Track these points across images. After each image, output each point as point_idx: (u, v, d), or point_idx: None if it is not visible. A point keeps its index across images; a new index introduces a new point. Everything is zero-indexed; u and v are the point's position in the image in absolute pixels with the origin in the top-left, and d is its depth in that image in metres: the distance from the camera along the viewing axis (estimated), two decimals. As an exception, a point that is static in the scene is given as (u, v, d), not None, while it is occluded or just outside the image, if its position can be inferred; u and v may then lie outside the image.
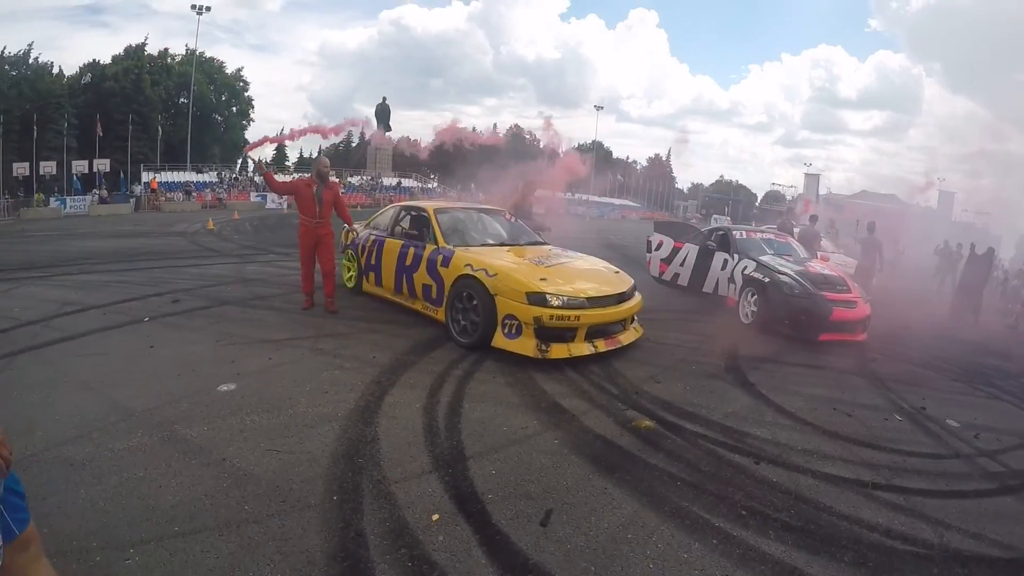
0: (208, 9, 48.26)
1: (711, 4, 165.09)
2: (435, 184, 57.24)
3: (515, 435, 4.20)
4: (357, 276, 8.45)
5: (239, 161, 66.03)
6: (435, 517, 3.12)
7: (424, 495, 3.33)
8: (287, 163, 72.64)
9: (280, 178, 8.48)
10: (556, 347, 5.75)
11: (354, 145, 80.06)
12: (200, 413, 4.18)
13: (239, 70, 65.83)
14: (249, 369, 5.13)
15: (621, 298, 6.33)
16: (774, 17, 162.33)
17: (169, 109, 57.25)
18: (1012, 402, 6.63)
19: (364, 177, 51.78)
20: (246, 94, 66.50)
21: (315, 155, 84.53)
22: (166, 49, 59.62)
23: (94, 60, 54.41)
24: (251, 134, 68.75)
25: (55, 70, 51.01)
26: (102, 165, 38.40)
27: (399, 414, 4.39)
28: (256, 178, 42.11)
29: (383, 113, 53.18)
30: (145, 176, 41.70)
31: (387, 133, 55.17)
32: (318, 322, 6.86)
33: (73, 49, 62.68)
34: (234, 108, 66.06)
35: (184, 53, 59.04)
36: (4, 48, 46.63)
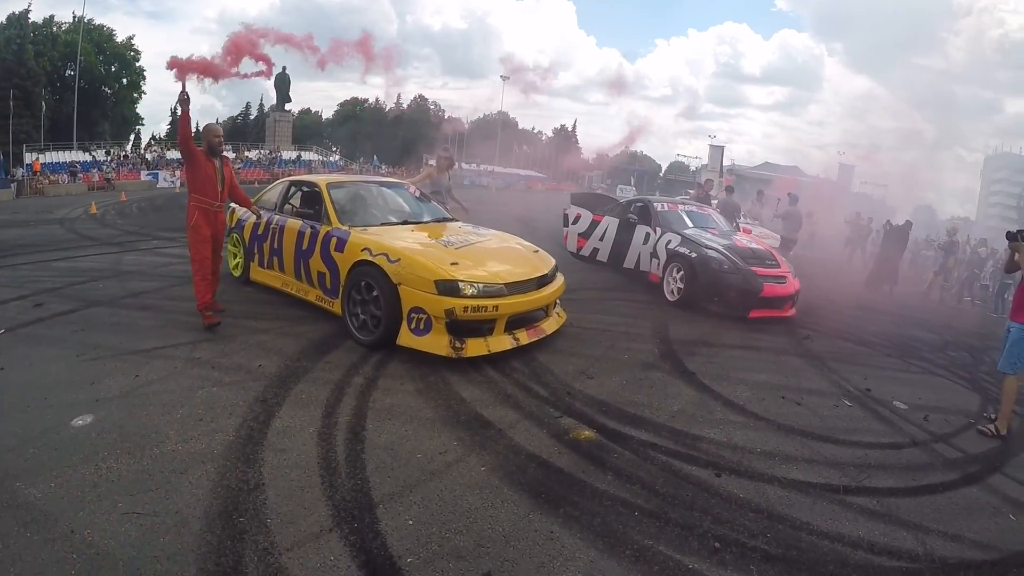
0: (97, -29, 44.39)
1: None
2: (337, 157, 55.42)
3: (432, 464, 3.40)
4: (244, 263, 7.34)
5: (131, 137, 61.76)
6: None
7: (324, 566, 2.51)
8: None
9: None
10: (472, 343, 4.96)
11: (252, 117, 76.59)
12: (48, 461, 3.22)
13: (130, 39, 60.77)
14: (111, 393, 4.11)
15: (543, 281, 5.59)
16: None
17: (54, 83, 52.20)
18: (945, 376, 6.66)
19: (262, 151, 49.13)
20: (138, 64, 61.50)
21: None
22: (51, 16, 54.40)
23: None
24: (143, 107, 64.35)
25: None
26: (-20, 147, 34.47)
27: (289, 445, 3.50)
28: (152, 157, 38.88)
29: (283, 84, 51.00)
30: (28, 157, 37.63)
31: (286, 105, 52.84)
32: (198, 323, 5.71)
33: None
34: (124, 80, 60.92)
35: (71, 21, 54.12)
36: None
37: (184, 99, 5.62)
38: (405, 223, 6.39)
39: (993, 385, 6.34)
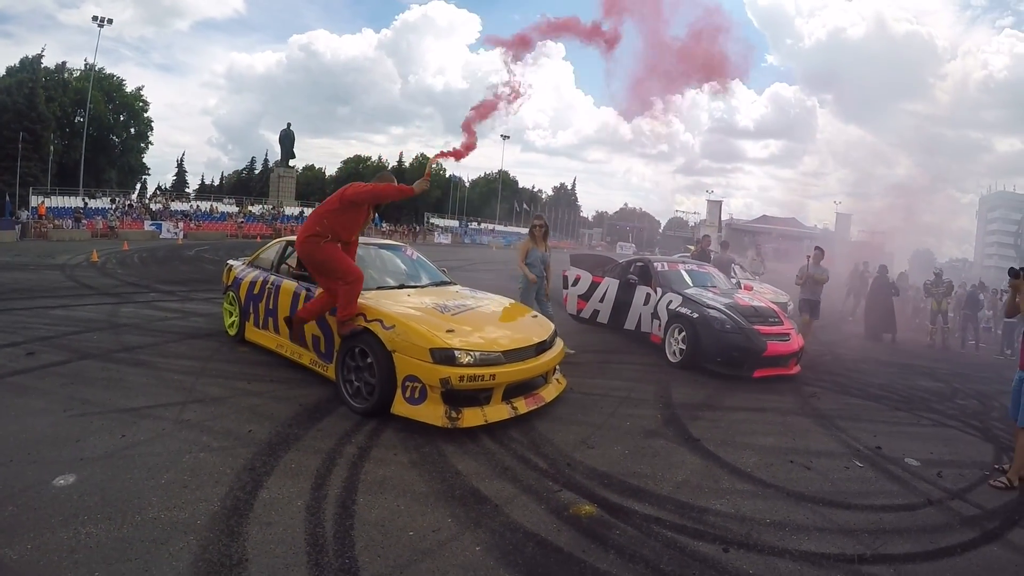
0: (109, 21, 45.30)
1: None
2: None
3: (425, 543, 3.22)
4: (239, 322, 7.25)
5: (136, 186, 62.85)
6: None
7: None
8: (187, 189, 69.33)
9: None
10: (469, 412, 4.80)
11: (256, 172, 77.94)
12: (26, 522, 3.08)
13: (139, 89, 63.04)
14: (95, 453, 3.98)
15: (541, 348, 5.47)
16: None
17: (63, 128, 53.69)
18: (957, 428, 6.54)
19: (266, 206, 49.42)
20: (146, 115, 63.47)
21: (216, 182, 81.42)
22: (63, 63, 56.13)
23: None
24: (149, 158, 66.04)
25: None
26: (-13, 187, 34.80)
27: (275, 518, 3.34)
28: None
29: (287, 140, 51.71)
30: (33, 200, 37.77)
31: (290, 161, 53.55)
32: (189, 382, 5.65)
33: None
34: (132, 129, 62.74)
35: (83, 68, 55.80)
36: None
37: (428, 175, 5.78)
38: (402, 287, 6.32)
39: (1005, 432, 6.27)
